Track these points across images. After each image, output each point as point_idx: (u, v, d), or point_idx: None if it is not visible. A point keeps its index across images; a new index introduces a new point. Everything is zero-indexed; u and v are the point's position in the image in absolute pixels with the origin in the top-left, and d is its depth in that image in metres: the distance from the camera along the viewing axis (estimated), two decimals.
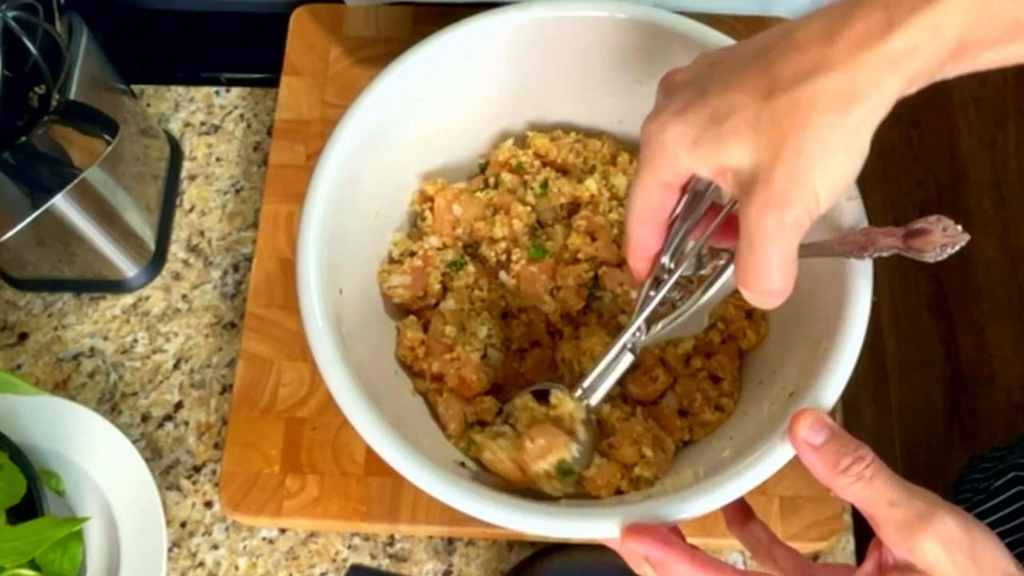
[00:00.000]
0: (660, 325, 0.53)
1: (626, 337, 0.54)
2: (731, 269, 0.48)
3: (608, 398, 0.60)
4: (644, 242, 0.49)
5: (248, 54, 0.81)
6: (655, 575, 0.46)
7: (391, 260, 0.66)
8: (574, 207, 0.66)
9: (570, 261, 0.65)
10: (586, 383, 0.56)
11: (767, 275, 0.42)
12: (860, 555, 0.64)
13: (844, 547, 0.63)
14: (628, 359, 0.55)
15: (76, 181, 0.59)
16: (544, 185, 0.66)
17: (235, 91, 0.79)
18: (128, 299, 0.72)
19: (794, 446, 0.46)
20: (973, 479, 0.90)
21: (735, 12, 0.75)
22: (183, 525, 0.66)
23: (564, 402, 0.56)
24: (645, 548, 0.46)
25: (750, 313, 0.64)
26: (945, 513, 0.42)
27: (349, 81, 0.74)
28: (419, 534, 0.64)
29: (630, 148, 0.69)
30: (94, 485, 0.64)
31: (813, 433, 0.45)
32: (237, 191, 0.75)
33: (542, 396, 0.59)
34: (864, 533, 0.65)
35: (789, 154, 0.38)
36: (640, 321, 0.53)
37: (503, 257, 0.65)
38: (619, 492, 0.59)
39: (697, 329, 0.52)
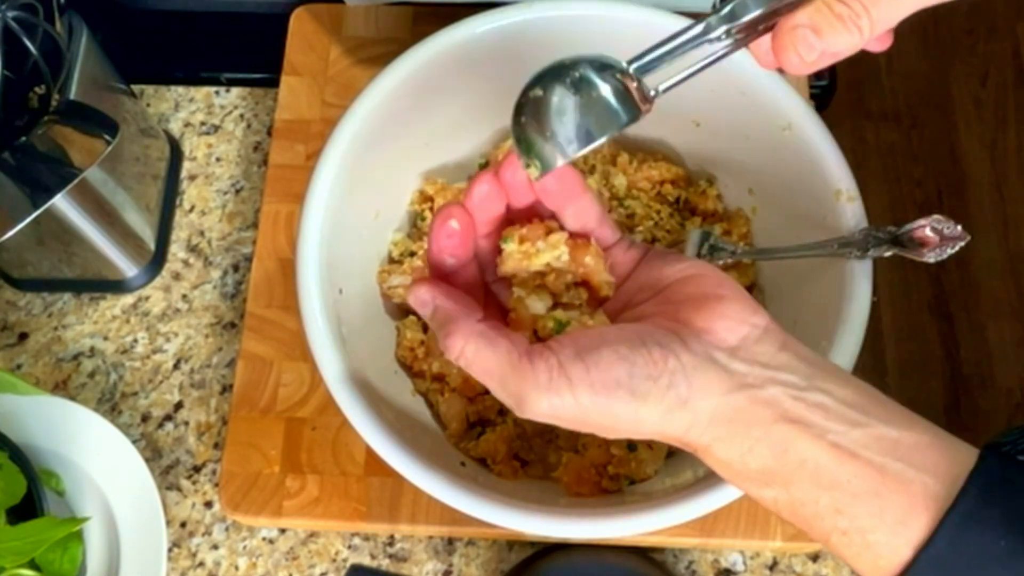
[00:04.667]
0: None
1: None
2: None
3: None
4: None
5: (248, 54, 0.81)
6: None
7: (391, 260, 0.66)
8: None
9: None
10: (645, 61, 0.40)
11: None
12: None
13: None
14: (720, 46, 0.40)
15: (76, 181, 0.59)
16: None
17: (235, 91, 0.78)
18: (128, 299, 0.72)
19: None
20: None
21: None
22: (183, 525, 0.66)
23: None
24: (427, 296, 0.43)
25: None
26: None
27: (349, 81, 0.74)
28: (419, 534, 0.64)
29: (630, 148, 0.69)
30: (94, 485, 0.64)
31: (421, 304, 0.43)
32: (237, 191, 0.75)
33: None
34: None
35: None
36: None
37: None
38: (606, 492, 0.59)
39: None
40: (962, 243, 0.53)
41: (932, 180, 1.63)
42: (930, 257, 0.53)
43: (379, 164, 0.63)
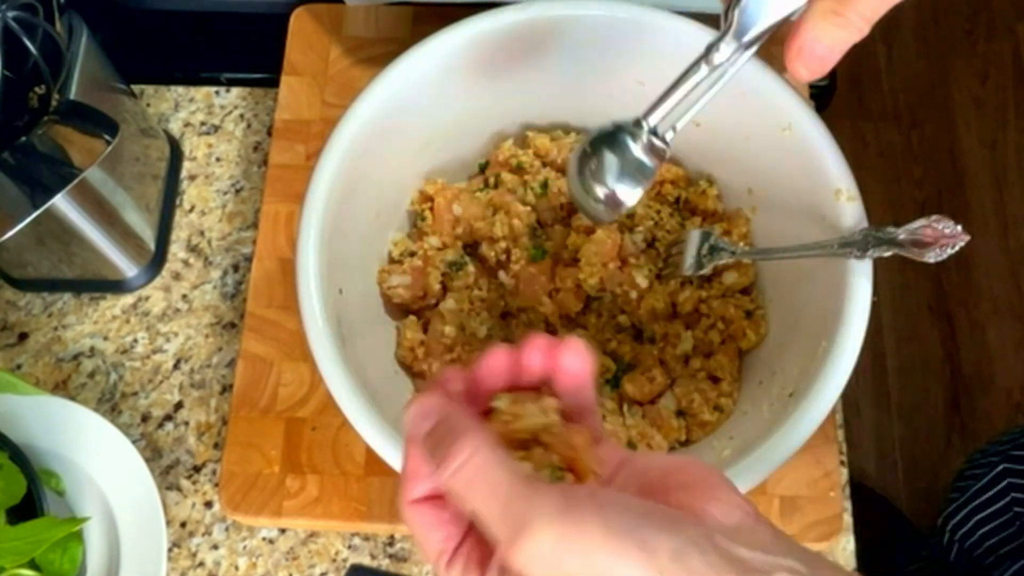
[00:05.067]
0: None
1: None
2: None
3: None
4: None
5: (248, 54, 0.81)
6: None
7: (391, 260, 0.66)
8: (574, 207, 0.66)
9: (569, 262, 0.65)
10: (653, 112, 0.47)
11: None
12: (860, 555, 0.64)
13: (844, 547, 0.63)
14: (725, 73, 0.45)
15: (76, 181, 0.59)
16: (544, 185, 0.66)
17: (235, 91, 0.79)
18: (128, 299, 0.72)
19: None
20: (969, 475, 0.90)
21: None
22: (183, 525, 0.66)
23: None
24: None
25: (750, 313, 0.64)
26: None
27: (349, 81, 0.74)
28: None
29: None
30: (94, 485, 0.64)
31: (421, 420, 0.38)
32: (237, 191, 0.75)
33: None
34: (864, 532, 0.65)
35: None
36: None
37: (503, 257, 0.65)
38: None
39: None
40: (962, 243, 0.52)
41: (932, 180, 1.63)
42: (930, 257, 0.52)
43: (379, 164, 0.63)
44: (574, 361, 0.40)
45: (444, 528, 0.38)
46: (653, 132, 0.47)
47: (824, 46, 0.43)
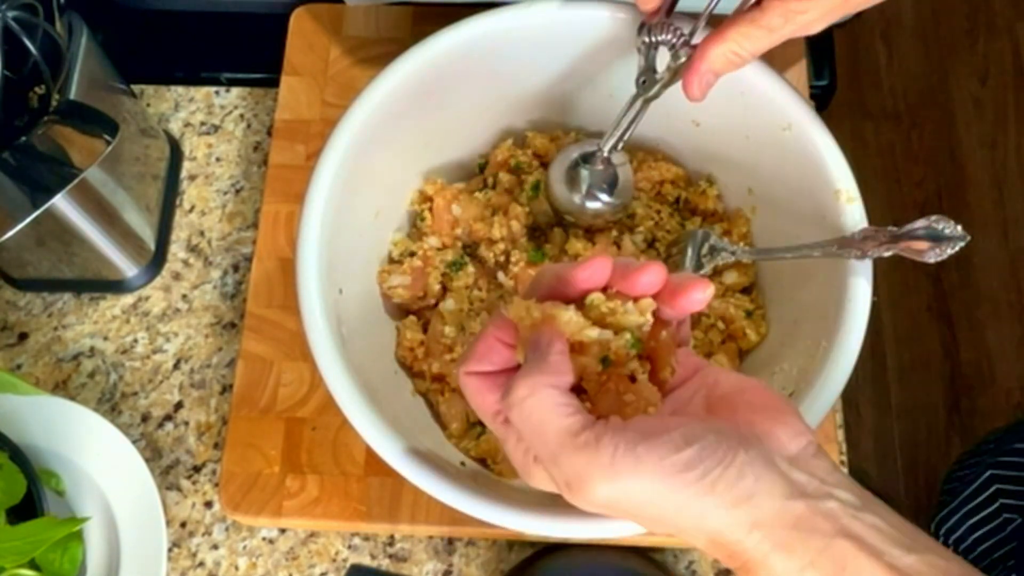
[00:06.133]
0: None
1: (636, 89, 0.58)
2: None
3: None
4: None
5: (248, 54, 0.81)
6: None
7: (391, 260, 0.66)
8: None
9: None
10: (606, 141, 0.60)
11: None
12: None
13: None
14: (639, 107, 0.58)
15: (76, 181, 0.59)
16: (536, 187, 0.66)
17: (235, 91, 0.78)
18: (128, 299, 0.72)
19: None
20: (958, 477, 0.90)
21: (721, 12, 0.75)
22: (183, 525, 0.66)
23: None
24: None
25: (750, 313, 0.64)
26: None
27: (349, 81, 0.74)
28: (419, 534, 0.64)
29: (630, 148, 0.69)
30: (94, 485, 0.64)
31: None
32: (237, 191, 0.75)
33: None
34: None
35: None
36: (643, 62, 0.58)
37: (502, 258, 0.65)
38: None
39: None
40: (962, 243, 0.52)
41: (932, 180, 1.63)
42: (930, 257, 0.52)
43: (379, 164, 0.63)
44: (693, 299, 0.42)
45: (496, 392, 0.42)
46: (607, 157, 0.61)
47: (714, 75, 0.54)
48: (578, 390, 0.41)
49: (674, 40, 0.56)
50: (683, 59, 0.56)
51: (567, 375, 0.39)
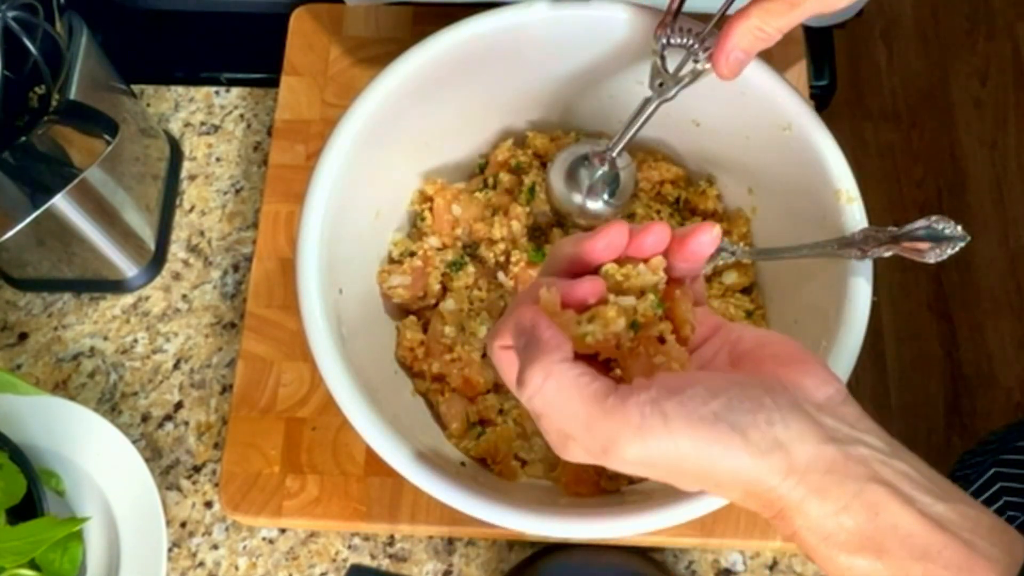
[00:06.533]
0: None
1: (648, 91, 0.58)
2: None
3: None
4: None
5: (248, 54, 0.81)
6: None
7: (391, 260, 0.66)
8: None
9: None
10: (616, 143, 0.60)
11: None
12: None
13: None
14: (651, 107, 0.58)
15: (76, 181, 0.59)
16: (532, 189, 0.66)
17: (235, 91, 0.78)
18: (128, 299, 0.72)
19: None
20: (960, 475, 0.90)
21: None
22: (183, 525, 0.66)
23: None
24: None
25: (750, 313, 0.64)
26: None
27: (349, 81, 0.74)
28: (419, 534, 0.64)
29: (630, 148, 0.69)
30: (94, 485, 0.64)
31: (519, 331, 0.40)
32: (237, 191, 0.75)
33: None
34: None
35: None
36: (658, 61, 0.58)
37: (502, 258, 0.65)
38: (605, 491, 0.59)
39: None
40: (962, 243, 0.52)
41: (932, 180, 1.63)
42: (930, 257, 0.52)
43: (379, 164, 0.63)
44: (701, 242, 0.42)
45: None
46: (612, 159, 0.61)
47: (743, 51, 0.53)
48: (606, 364, 0.42)
49: (691, 42, 0.57)
50: (702, 61, 0.56)
51: (567, 344, 0.39)
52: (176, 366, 0.70)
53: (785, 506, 0.37)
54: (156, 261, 0.72)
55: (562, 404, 0.38)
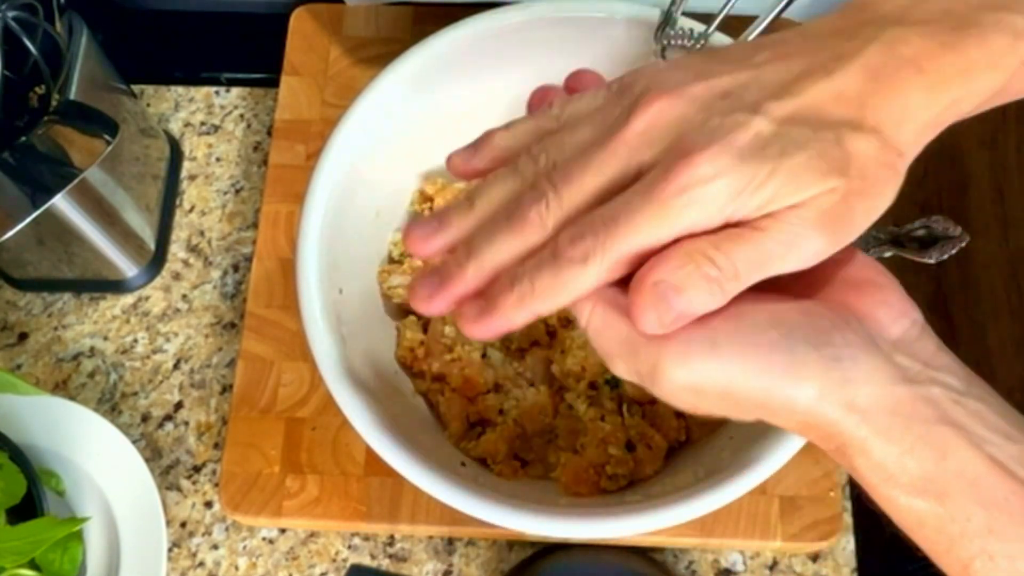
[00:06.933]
0: None
1: None
2: None
3: (588, 398, 0.60)
4: None
5: (248, 54, 0.81)
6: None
7: (391, 260, 0.66)
8: None
9: None
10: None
11: None
12: (860, 555, 0.64)
13: (844, 547, 0.63)
14: None
15: (76, 181, 0.59)
16: None
17: (235, 91, 0.79)
18: (128, 299, 0.72)
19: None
20: None
21: (737, 13, 0.74)
22: (183, 525, 0.66)
23: None
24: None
25: None
26: None
27: (349, 81, 0.74)
28: (419, 534, 0.64)
29: None
30: (94, 485, 0.64)
31: None
32: (237, 191, 0.75)
33: None
34: (864, 532, 0.65)
35: None
36: None
37: None
38: (605, 491, 0.59)
39: None
40: (962, 243, 0.53)
41: (932, 180, 1.63)
42: (930, 257, 0.53)
43: (379, 164, 0.63)
44: None
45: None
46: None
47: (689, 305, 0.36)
48: None
49: (692, 43, 0.56)
50: None
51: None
52: (176, 366, 0.70)
53: (845, 442, 0.35)
54: (156, 261, 0.72)
55: (610, 331, 0.36)
